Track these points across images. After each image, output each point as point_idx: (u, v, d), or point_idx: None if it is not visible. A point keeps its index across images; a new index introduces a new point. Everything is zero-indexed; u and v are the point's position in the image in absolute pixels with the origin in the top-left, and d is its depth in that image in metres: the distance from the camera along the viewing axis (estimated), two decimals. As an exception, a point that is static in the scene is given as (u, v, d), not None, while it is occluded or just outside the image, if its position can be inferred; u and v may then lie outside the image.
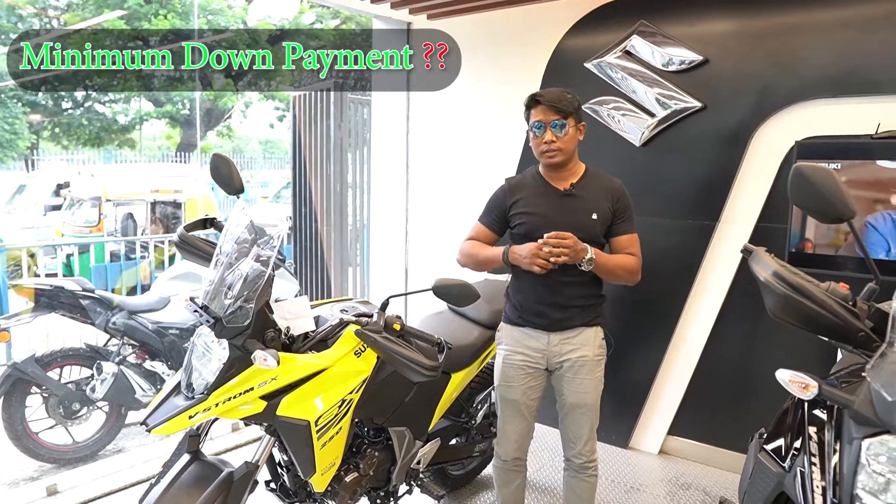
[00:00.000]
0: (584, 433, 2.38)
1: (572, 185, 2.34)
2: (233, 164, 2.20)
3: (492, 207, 2.46)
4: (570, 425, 2.40)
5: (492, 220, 2.44)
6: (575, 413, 2.37)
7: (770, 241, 2.90)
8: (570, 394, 2.35)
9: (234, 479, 1.95)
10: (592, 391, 2.35)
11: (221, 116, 20.25)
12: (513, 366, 2.38)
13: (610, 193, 2.36)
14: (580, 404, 2.35)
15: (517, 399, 2.39)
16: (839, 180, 1.57)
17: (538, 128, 2.29)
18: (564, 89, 2.32)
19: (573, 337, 2.32)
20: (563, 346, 2.32)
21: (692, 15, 3.27)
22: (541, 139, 2.28)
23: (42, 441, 3.74)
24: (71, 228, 9.29)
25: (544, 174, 2.40)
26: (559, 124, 2.27)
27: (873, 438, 1.36)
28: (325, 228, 5.15)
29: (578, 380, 2.33)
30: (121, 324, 3.91)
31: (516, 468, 2.51)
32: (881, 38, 2.81)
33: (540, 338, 2.34)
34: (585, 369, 2.33)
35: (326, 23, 19.78)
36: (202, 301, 1.96)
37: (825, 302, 1.54)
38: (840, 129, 2.88)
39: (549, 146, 2.27)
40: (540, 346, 2.34)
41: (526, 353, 2.36)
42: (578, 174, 2.38)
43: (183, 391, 1.95)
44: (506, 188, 2.45)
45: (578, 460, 2.41)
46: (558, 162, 2.31)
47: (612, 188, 2.38)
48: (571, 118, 2.29)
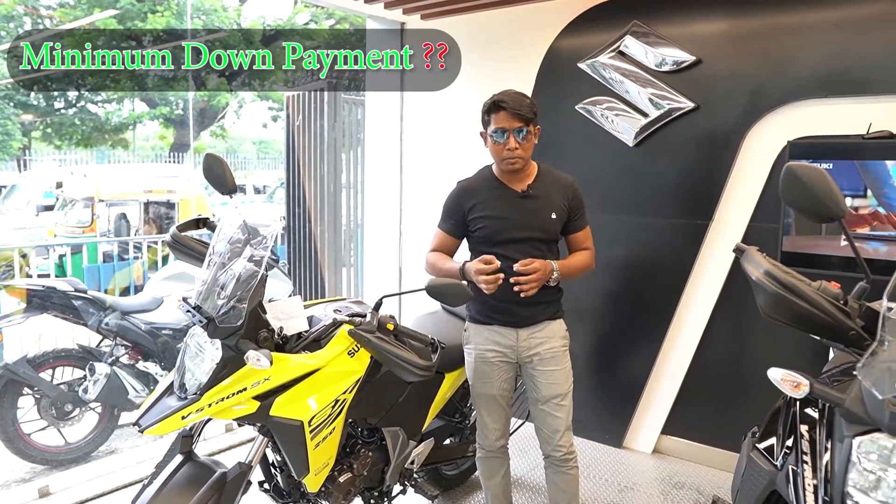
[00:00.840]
0: (560, 425, 2.40)
1: (529, 185, 2.37)
2: (225, 163, 2.19)
3: (449, 213, 2.47)
4: (546, 418, 2.42)
5: (451, 227, 2.46)
6: (550, 405, 2.40)
7: (763, 241, 2.92)
8: (544, 386, 2.39)
9: (227, 479, 1.95)
10: (564, 381, 2.41)
11: (215, 116, 20.18)
12: (486, 362, 2.42)
13: (564, 190, 2.41)
14: (555, 395, 2.39)
15: (493, 393, 2.44)
16: (830, 180, 1.58)
17: (500, 134, 2.28)
18: (522, 94, 2.31)
19: (540, 331, 2.39)
20: (532, 341, 2.38)
21: (685, 15, 3.28)
22: (503, 146, 2.28)
23: (34, 442, 3.72)
24: (63, 229, 9.25)
25: (500, 176, 2.41)
26: (522, 131, 2.27)
27: (864, 436, 1.37)
28: (318, 229, 5.14)
29: (549, 371, 2.39)
30: (114, 324, 3.89)
31: (501, 455, 2.56)
32: (872, 39, 2.83)
33: (508, 334, 2.39)
34: (555, 361, 2.39)
35: (321, 23, 19.76)
36: (195, 301, 1.96)
37: (816, 301, 1.55)
38: (832, 129, 2.89)
39: (513, 153, 2.27)
40: (509, 342, 2.39)
41: (497, 349, 2.41)
42: (533, 174, 2.40)
43: (176, 391, 1.95)
44: (460, 192, 2.46)
45: (558, 453, 2.42)
46: (520, 168, 2.34)
47: (565, 185, 2.42)
48: (531, 124, 2.29)
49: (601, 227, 3.51)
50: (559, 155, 3.64)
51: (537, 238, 2.35)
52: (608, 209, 3.51)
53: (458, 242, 2.49)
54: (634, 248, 3.52)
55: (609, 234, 3.52)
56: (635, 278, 3.54)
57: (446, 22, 4.06)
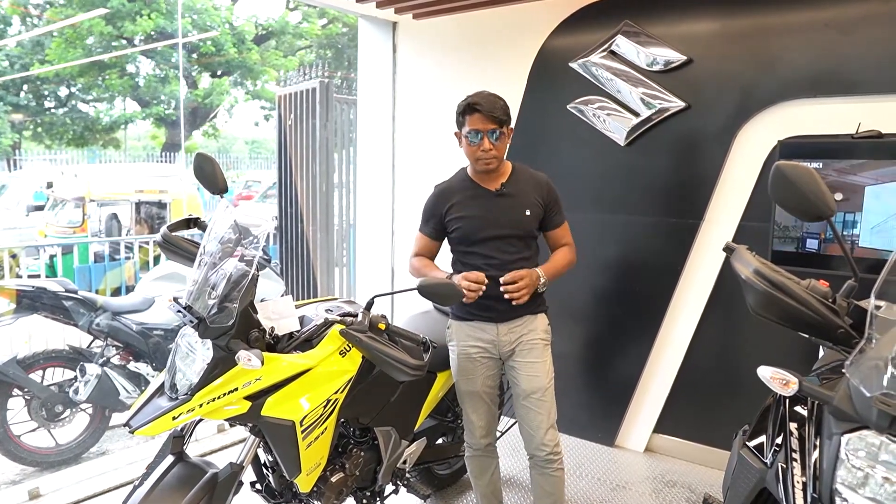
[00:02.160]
0: (542, 422, 2.39)
1: (503, 184, 2.40)
2: (216, 163, 2.19)
3: (428, 216, 2.51)
4: (527, 414, 2.41)
5: (431, 229, 2.50)
6: (531, 400, 2.39)
7: (754, 240, 2.93)
8: (524, 379, 2.40)
9: (218, 480, 1.94)
10: (544, 375, 2.41)
11: (207, 116, 20.10)
12: (469, 358, 2.45)
13: (539, 188, 2.44)
14: (534, 389, 2.39)
15: (477, 390, 2.47)
16: (819, 178, 1.58)
17: (474, 135, 2.30)
18: (496, 95, 2.34)
19: (520, 325, 2.42)
20: (512, 334, 2.41)
21: (676, 15, 3.29)
22: (477, 147, 2.31)
23: (24, 444, 3.70)
24: (54, 229, 9.20)
25: (474, 176, 2.44)
26: (496, 132, 2.30)
27: (852, 434, 1.38)
28: (311, 228, 5.14)
29: (529, 363, 2.40)
30: (105, 325, 3.88)
31: (489, 454, 2.57)
32: (860, 39, 2.85)
33: (489, 329, 2.42)
34: (535, 353, 2.41)
35: (313, 22, 19.73)
36: (185, 301, 1.95)
37: (805, 299, 1.56)
38: (822, 128, 2.91)
39: (487, 153, 2.31)
40: (490, 337, 2.42)
41: (479, 344, 2.43)
42: (507, 173, 2.44)
43: (167, 392, 1.94)
44: (437, 194, 2.49)
45: (541, 452, 2.40)
46: (494, 168, 2.37)
47: (539, 182, 2.46)
48: (504, 125, 2.32)
49: (593, 226, 3.54)
50: (551, 154, 3.65)
51: (513, 235, 2.38)
52: (600, 208, 3.52)
53: (438, 245, 2.55)
54: (626, 247, 3.53)
55: (600, 234, 3.53)
56: (627, 277, 3.55)
57: (438, 21, 4.06)
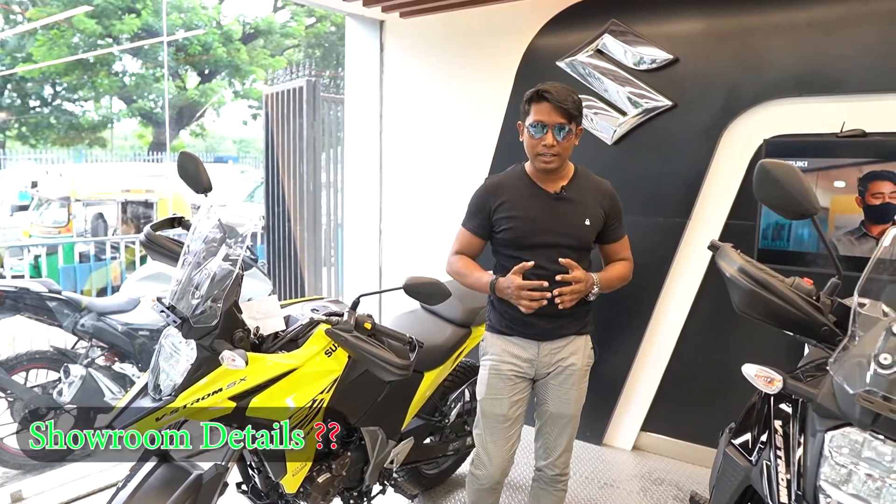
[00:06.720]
0: (561, 444, 2.28)
1: (563, 187, 2.16)
2: (200, 161, 2.17)
3: (475, 211, 2.25)
4: (548, 434, 2.30)
5: (477, 226, 2.24)
6: (555, 423, 2.27)
7: (740, 238, 2.95)
8: (553, 403, 2.25)
9: (203, 481, 1.92)
10: (576, 402, 2.25)
11: (194, 115, 19.97)
12: (501, 376, 2.22)
13: (602, 196, 2.22)
14: (562, 415, 2.25)
15: (504, 413, 2.22)
16: (803, 177, 1.59)
17: (538, 128, 2.06)
18: (571, 88, 2.10)
19: (564, 346, 2.22)
20: (553, 356, 2.21)
21: (662, 14, 3.30)
22: (539, 141, 2.07)
23: (7, 447, 3.65)
24: (39, 229, 9.10)
25: (532, 175, 2.20)
26: (563, 128, 2.06)
27: (836, 431, 1.38)
28: (298, 228, 5.11)
29: (564, 389, 2.23)
30: (89, 326, 3.83)
31: (496, 489, 2.35)
32: (843, 39, 2.87)
33: (529, 347, 2.20)
34: (572, 380, 2.23)
35: (301, 21, 19.65)
36: (169, 301, 1.93)
37: (789, 297, 1.56)
38: (807, 127, 2.93)
39: (549, 150, 2.06)
40: (529, 356, 2.21)
41: (514, 362, 2.21)
42: (569, 176, 2.20)
43: (150, 393, 1.92)
44: (486, 188, 2.25)
45: (551, 472, 2.31)
46: (555, 168, 2.13)
47: (604, 191, 2.24)
48: (574, 122, 2.08)
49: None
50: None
51: (567, 245, 2.14)
52: (587, 207, 3.52)
53: (482, 244, 2.28)
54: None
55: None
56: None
57: (425, 20, 4.05)
